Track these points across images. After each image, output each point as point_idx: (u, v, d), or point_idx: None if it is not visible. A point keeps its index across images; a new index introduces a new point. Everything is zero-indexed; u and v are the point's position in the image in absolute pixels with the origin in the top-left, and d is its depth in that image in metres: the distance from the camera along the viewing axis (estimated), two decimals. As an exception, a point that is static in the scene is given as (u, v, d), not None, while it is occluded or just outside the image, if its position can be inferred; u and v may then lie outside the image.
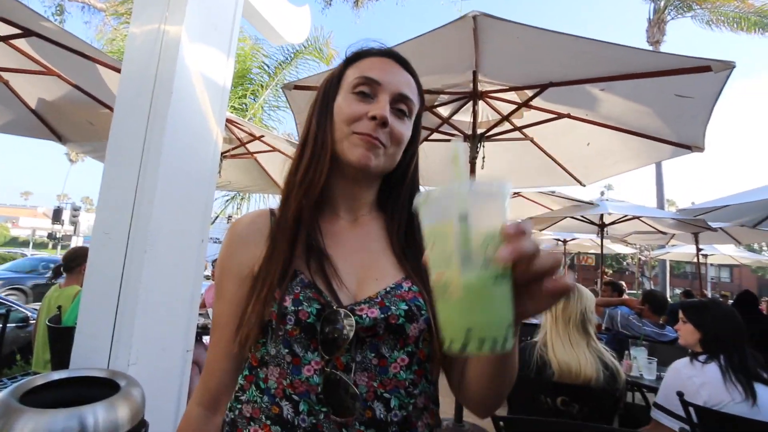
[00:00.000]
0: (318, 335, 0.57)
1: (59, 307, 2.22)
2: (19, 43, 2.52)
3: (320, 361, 0.57)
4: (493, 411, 0.63)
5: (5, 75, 2.90)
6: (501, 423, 1.20)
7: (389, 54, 0.68)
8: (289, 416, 0.56)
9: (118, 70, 2.06)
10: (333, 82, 0.68)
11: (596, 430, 1.34)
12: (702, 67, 2.05)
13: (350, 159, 0.62)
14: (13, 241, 47.85)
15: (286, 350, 0.58)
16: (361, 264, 0.65)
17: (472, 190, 0.38)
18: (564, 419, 1.71)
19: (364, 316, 0.57)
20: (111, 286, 1.59)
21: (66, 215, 19.51)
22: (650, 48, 12.97)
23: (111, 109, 2.82)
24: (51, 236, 29.89)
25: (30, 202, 75.42)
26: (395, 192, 0.71)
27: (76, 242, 19.21)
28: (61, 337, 1.96)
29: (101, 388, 1.31)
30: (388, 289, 0.61)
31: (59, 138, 3.62)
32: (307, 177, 0.64)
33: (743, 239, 7.67)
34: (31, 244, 31.18)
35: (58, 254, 18.79)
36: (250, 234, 0.67)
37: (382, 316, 0.57)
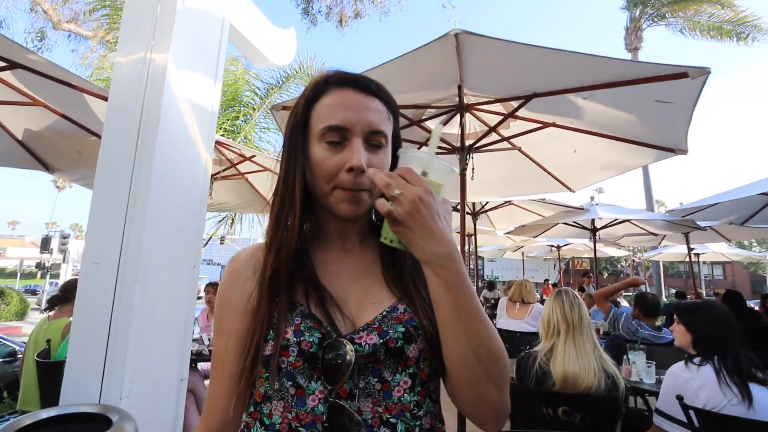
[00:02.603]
0: (320, 364, 0.57)
1: (48, 341, 2.16)
2: (4, 75, 2.52)
3: (324, 390, 0.57)
4: (480, 412, 0.59)
5: (-10, 107, 2.88)
6: (503, 439, 1.18)
7: (351, 83, 0.64)
8: None
9: (105, 98, 2.06)
10: (298, 126, 0.66)
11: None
12: (679, 73, 2.11)
13: (339, 213, 0.64)
14: (0, 272, 46.80)
15: (290, 383, 0.58)
16: (356, 291, 0.66)
17: (435, 161, 0.57)
18: (566, 430, 1.69)
19: (363, 343, 0.58)
20: (102, 317, 1.56)
21: (55, 243, 19.19)
22: (629, 55, 13.34)
23: (99, 137, 2.81)
24: (39, 266, 29.30)
25: (17, 231, 74.13)
26: (381, 217, 0.72)
27: (66, 270, 18.85)
28: (51, 373, 1.90)
29: (93, 424, 1.27)
30: (384, 313, 0.62)
31: (47, 167, 3.59)
32: (278, 231, 0.64)
33: (733, 237, 7.80)
34: (18, 275, 30.54)
35: (47, 284, 18.41)
36: (249, 269, 0.67)
37: (381, 341, 0.58)
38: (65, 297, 2.41)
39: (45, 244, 19.21)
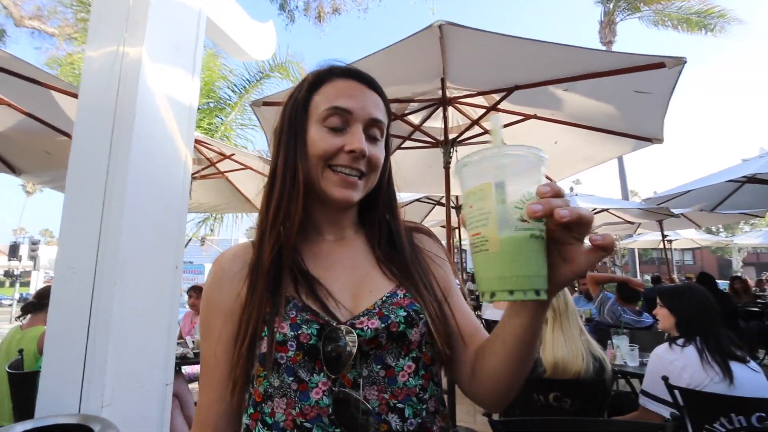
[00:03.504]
0: (321, 355, 0.56)
1: (20, 351, 2.06)
2: (-37, 72, 2.37)
3: (327, 382, 0.55)
4: (507, 401, 0.60)
5: (-52, 106, 2.71)
6: (499, 426, 1.19)
7: (354, 75, 0.66)
8: None
9: (75, 95, 1.96)
10: (298, 110, 0.66)
11: (588, 422, 1.35)
12: (656, 63, 2.16)
13: (332, 197, 0.63)
14: (-34, 283, 44.43)
15: (291, 378, 0.56)
16: (352, 280, 0.65)
17: (510, 157, 0.43)
18: (557, 415, 1.72)
19: (365, 328, 0.57)
20: (79, 324, 1.49)
21: (24, 250, 18.33)
22: (603, 48, 13.64)
23: (69, 136, 2.68)
24: (8, 274, 27.96)
25: (-17, 239, 70.55)
26: (373, 207, 0.72)
27: (37, 277, 18.07)
28: (24, 384, 1.81)
29: (74, 435, 1.21)
30: (384, 298, 0.62)
31: (13, 170, 3.41)
32: (279, 216, 0.63)
33: (702, 223, 8.12)
34: (-14, 284, 29.06)
35: (16, 293, 17.62)
36: (234, 268, 0.65)
37: (383, 325, 0.58)
38: (40, 304, 2.28)
39: (13, 252, 18.33)
